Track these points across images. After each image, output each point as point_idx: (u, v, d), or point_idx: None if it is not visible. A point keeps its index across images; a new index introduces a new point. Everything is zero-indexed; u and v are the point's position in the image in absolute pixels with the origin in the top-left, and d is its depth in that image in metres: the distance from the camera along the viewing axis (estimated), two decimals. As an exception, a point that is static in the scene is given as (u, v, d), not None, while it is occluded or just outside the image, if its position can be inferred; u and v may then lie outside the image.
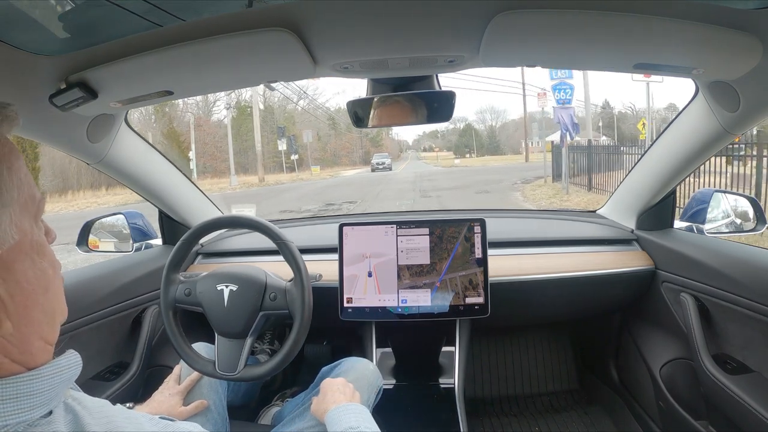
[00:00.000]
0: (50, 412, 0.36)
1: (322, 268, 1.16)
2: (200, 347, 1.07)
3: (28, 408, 0.34)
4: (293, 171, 24.01)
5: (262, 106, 33.46)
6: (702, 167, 4.18)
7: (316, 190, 14.07)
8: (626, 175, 1.36)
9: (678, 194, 1.31)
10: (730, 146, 5.37)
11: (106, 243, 1.41)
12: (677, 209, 1.34)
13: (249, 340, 0.97)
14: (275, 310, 0.98)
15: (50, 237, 0.41)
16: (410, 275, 1.16)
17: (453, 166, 27.20)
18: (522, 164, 24.08)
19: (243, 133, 31.37)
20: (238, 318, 0.97)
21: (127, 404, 0.83)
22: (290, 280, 0.99)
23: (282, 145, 20.89)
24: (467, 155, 49.63)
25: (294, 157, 22.49)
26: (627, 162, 8.08)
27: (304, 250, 1.05)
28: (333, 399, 0.83)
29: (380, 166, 24.97)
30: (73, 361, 0.39)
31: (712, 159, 4.66)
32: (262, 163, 21.32)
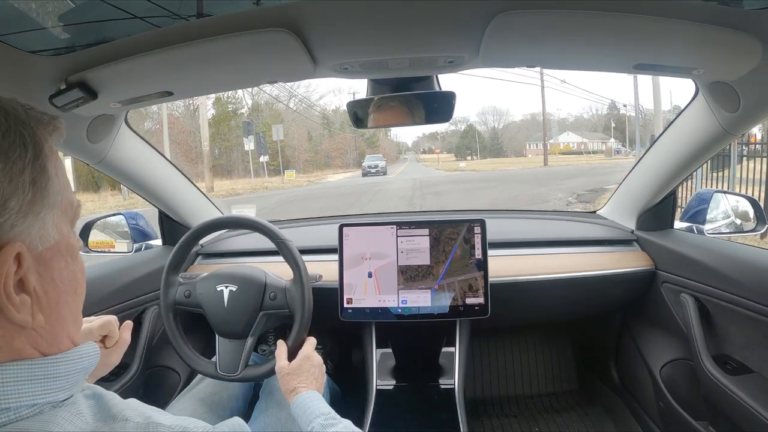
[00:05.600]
0: (71, 397, 0.38)
1: (322, 269, 1.16)
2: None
3: (54, 390, 0.36)
4: (277, 174, 21.12)
5: (249, 102, 31.77)
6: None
7: (262, 208, 9.48)
8: (626, 176, 1.36)
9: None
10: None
11: (106, 243, 1.41)
12: (678, 209, 1.34)
13: (250, 341, 0.97)
14: (275, 309, 0.98)
15: (78, 245, 0.44)
16: (410, 277, 1.16)
17: (458, 170, 23.87)
18: (540, 169, 20.79)
19: (224, 131, 28.51)
20: (239, 318, 0.97)
21: None
22: (290, 280, 0.99)
23: (248, 144, 17.84)
24: (468, 157, 48.66)
25: (263, 159, 19.35)
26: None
27: (304, 251, 1.05)
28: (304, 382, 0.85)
29: (372, 170, 21.95)
30: (92, 349, 0.42)
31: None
32: (209, 167, 17.96)
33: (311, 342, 0.93)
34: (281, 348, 0.92)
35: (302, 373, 0.86)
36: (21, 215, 0.34)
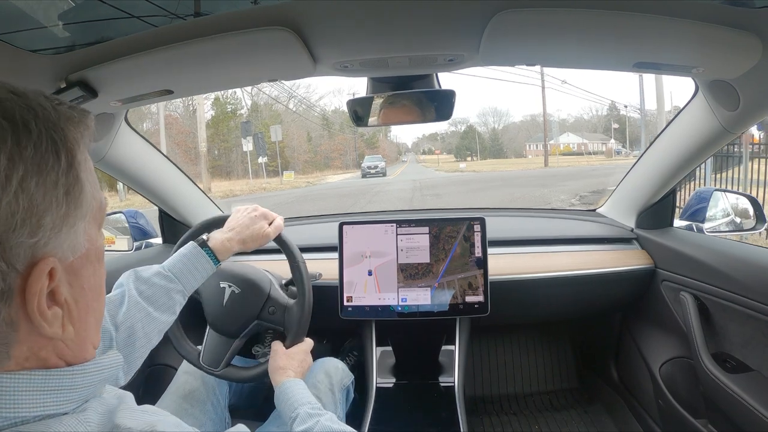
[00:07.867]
0: (85, 403, 0.37)
1: (322, 267, 1.16)
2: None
3: (66, 401, 0.35)
4: (276, 175, 20.99)
5: (249, 102, 31.52)
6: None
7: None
8: (626, 174, 1.37)
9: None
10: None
11: (106, 239, 1.41)
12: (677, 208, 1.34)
13: (237, 342, 0.97)
14: (270, 323, 0.97)
15: (104, 245, 0.42)
16: (410, 275, 1.16)
17: (458, 171, 23.78)
18: (541, 170, 20.46)
19: (223, 132, 28.17)
20: (234, 320, 0.97)
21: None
22: (295, 302, 0.97)
23: (247, 145, 17.40)
24: (468, 158, 48.34)
25: (262, 159, 18.88)
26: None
27: (305, 249, 1.05)
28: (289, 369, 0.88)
29: (372, 171, 21.70)
30: (115, 361, 0.40)
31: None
32: (207, 168, 17.71)
33: (309, 342, 0.96)
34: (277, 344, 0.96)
35: (295, 358, 0.90)
36: (55, 231, 0.33)
